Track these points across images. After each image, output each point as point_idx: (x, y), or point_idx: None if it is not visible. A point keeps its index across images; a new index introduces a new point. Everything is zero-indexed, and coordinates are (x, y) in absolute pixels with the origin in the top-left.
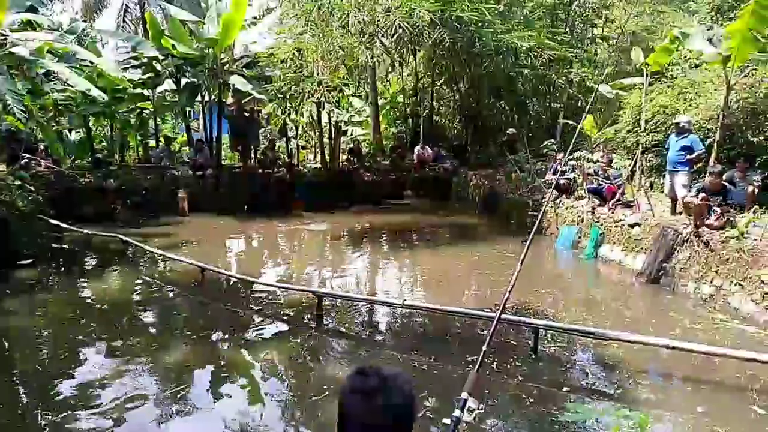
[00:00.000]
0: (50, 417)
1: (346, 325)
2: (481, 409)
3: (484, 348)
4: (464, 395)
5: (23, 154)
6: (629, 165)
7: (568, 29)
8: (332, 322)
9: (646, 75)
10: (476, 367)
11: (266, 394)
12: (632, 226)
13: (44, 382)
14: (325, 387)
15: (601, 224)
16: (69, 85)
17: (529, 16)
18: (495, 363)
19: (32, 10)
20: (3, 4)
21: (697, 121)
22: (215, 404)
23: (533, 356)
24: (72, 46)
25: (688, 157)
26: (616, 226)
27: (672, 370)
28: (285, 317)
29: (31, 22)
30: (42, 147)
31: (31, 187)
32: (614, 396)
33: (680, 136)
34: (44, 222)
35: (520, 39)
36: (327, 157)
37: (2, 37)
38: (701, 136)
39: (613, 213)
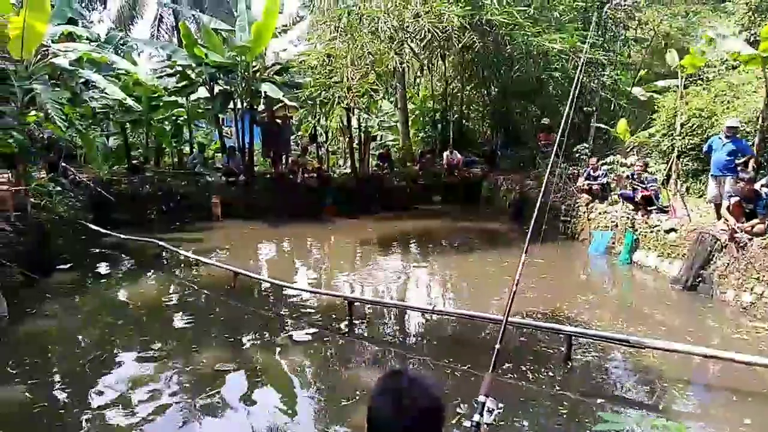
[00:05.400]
0: (89, 415)
1: (376, 330)
2: (501, 408)
3: (497, 346)
4: (481, 398)
5: (61, 163)
6: (664, 169)
7: (600, 32)
8: (362, 327)
9: (682, 77)
10: (491, 367)
11: (297, 398)
12: (668, 231)
13: (83, 382)
14: (356, 391)
15: (636, 229)
16: (106, 94)
17: (560, 18)
18: (528, 371)
19: (72, 21)
20: (45, 17)
21: None
22: (247, 407)
23: (566, 364)
24: (109, 56)
25: (737, 161)
26: (651, 232)
27: (713, 380)
28: (316, 321)
29: (71, 33)
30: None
31: (71, 193)
32: (651, 406)
33: (728, 139)
34: (83, 227)
35: (551, 42)
36: (356, 163)
37: (44, 49)
38: None
39: (648, 218)
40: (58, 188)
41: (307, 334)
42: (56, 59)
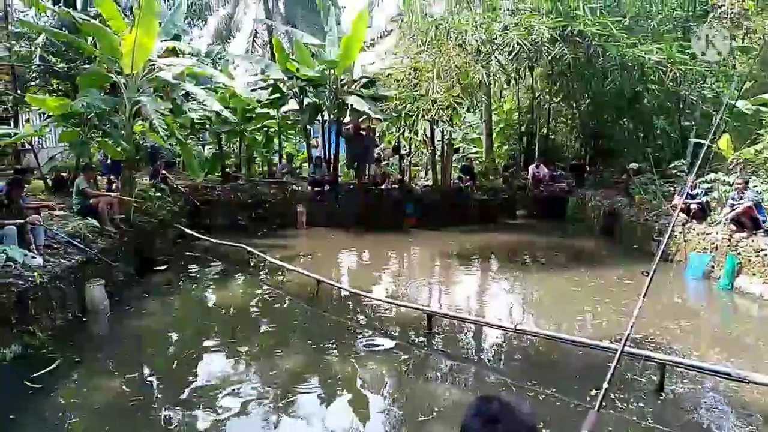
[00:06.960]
0: (178, 412)
1: (455, 345)
2: None
3: (605, 385)
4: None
5: (162, 171)
6: None
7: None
8: (440, 341)
9: None
10: (597, 405)
11: (374, 410)
12: None
13: (174, 379)
14: (434, 408)
15: (739, 253)
16: (204, 106)
17: (658, 28)
18: (616, 400)
19: (176, 37)
20: (154, 34)
21: None
22: (324, 415)
23: (659, 395)
24: (209, 70)
25: None
26: (757, 256)
27: None
28: (394, 333)
29: (175, 49)
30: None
31: (169, 199)
32: None
33: None
34: (179, 231)
35: (648, 53)
36: (438, 175)
37: (151, 63)
38: None
39: (753, 241)
40: (158, 194)
41: (385, 344)
42: (161, 73)
